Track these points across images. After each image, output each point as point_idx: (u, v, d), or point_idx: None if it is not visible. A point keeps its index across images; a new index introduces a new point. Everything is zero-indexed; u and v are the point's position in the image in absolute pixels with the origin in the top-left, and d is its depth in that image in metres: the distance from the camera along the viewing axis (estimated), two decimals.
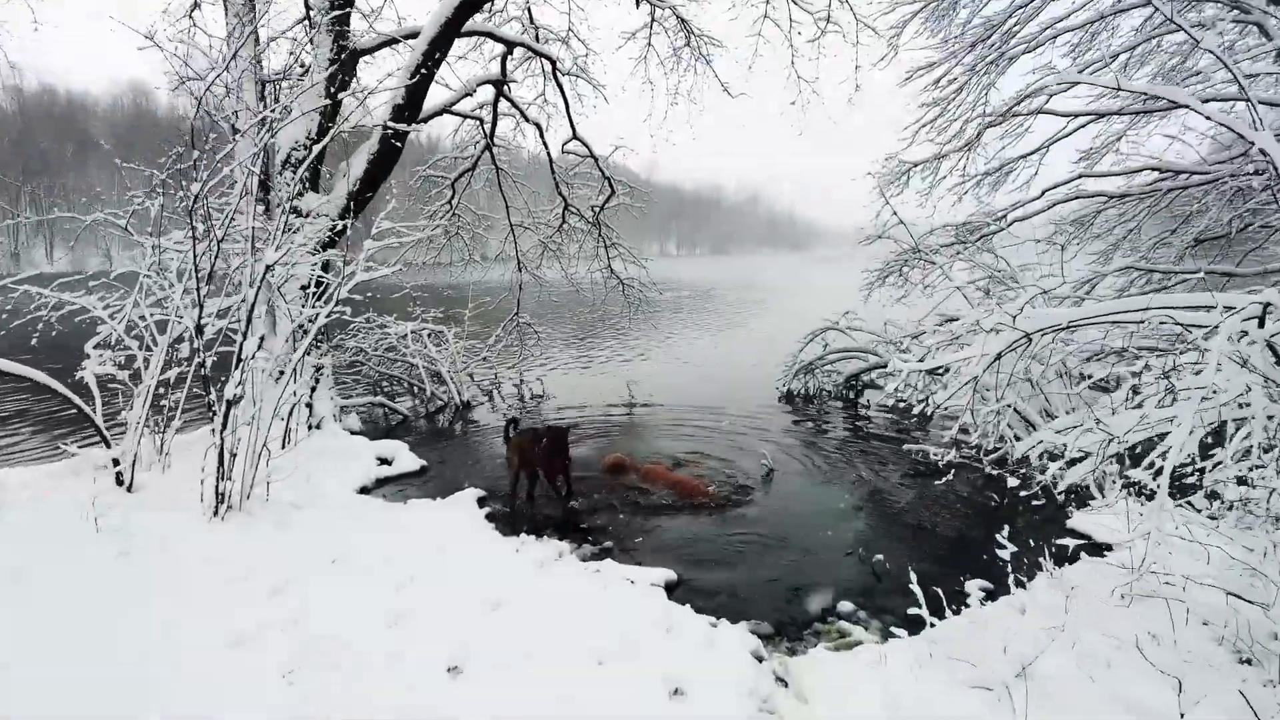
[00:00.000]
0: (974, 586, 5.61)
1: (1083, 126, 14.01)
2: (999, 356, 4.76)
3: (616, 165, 14.84)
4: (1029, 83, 13.77)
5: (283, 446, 8.89)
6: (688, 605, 5.15)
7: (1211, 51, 4.90)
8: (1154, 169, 13.99)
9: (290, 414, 8.93)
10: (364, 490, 8.18)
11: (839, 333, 13.25)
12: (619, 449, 9.86)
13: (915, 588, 4.57)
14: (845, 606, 5.36)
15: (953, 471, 8.02)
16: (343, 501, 7.38)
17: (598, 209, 15.06)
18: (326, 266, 10.06)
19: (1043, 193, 14.70)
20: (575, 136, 13.84)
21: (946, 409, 6.81)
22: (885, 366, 12.30)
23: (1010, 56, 13.76)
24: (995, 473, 8.04)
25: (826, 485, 8.14)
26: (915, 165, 15.13)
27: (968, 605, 4.95)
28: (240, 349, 6.26)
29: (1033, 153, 14.59)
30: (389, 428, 11.22)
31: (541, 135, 14.05)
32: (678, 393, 13.51)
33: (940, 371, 6.95)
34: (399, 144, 10.39)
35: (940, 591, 4.75)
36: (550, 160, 14.55)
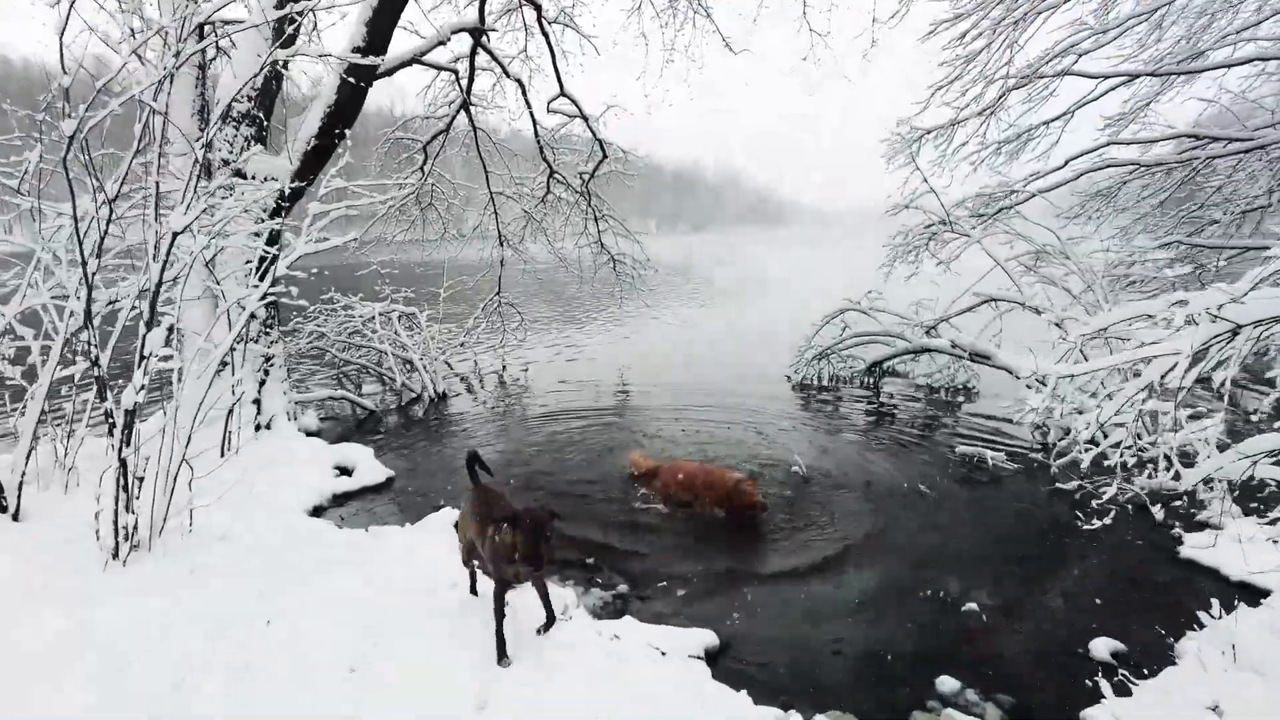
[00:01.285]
0: (1101, 648, 4.34)
1: (1112, 89, 12.78)
2: (1196, 359, 3.39)
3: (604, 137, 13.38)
4: (1056, 40, 12.55)
5: (221, 454, 7.46)
6: (743, 691, 3.81)
7: None
8: (1189, 135, 12.84)
9: (230, 415, 7.45)
10: (317, 511, 6.74)
11: (860, 314, 11.92)
12: (613, 446, 8.52)
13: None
14: (948, 683, 4.04)
15: (997, 478, 6.76)
16: (288, 529, 5.93)
17: (587, 177, 13.56)
18: (276, 238, 8.51)
19: (1066, 162, 13.47)
20: (563, 93, 12.30)
21: (1029, 413, 5.46)
22: (914, 352, 11.02)
23: (1040, 10, 12.45)
24: (1074, 482, 6.80)
25: (873, 498, 6.83)
26: (929, 132, 13.80)
27: (1132, 682, 3.65)
28: (143, 342, 4.77)
29: (1056, 118, 13.30)
30: (354, 424, 9.74)
31: (524, 93, 12.49)
32: (676, 381, 12.15)
33: (1072, 377, 5.53)
34: (363, 84, 8.81)
35: (1057, 656, 3.45)
36: (534, 122, 13.00)
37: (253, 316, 8.87)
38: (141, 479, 4.95)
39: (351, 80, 8.46)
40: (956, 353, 10.13)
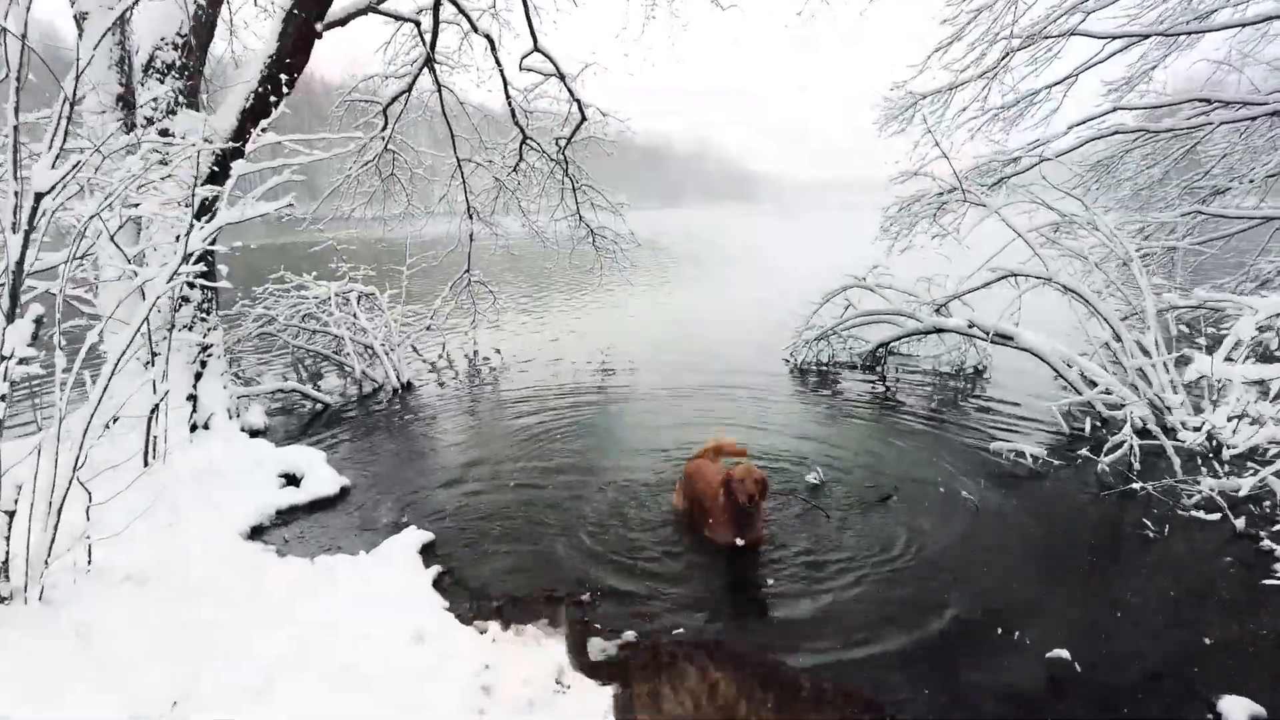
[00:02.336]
0: (1236, 712, 3.49)
1: (1119, 51, 11.97)
2: None
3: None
4: None
5: (145, 464, 6.36)
6: None
7: None
8: (1200, 99, 12.05)
9: (152, 416, 6.33)
10: (256, 532, 5.67)
11: (864, 292, 11.00)
12: (596, 441, 7.57)
13: None
14: None
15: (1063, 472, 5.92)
16: (218, 561, 4.87)
17: (563, 142, 12.42)
18: (207, 209, 7.32)
19: (1069, 129, 12.67)
20: (536, 48, 11.12)
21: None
22: (925, 333, 10.13)
23: None
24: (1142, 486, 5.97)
25: (906, 508, 5.93)
26: (924, 97, 12.91)
27: None
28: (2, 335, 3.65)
29: (1059, 82, 12.51)
30: (307, 420, 8.63)
31: (493, 50, 11.28)
32: (663, 364, 11.17)
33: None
34: (308, 19, 7.62)
35: None
36: (505, 82, 11.81)
37: (185, 300, 7.71)
38: (11, 513, 3.85)
39: (298, 12, 7.24)
40: (974, 334, 9.26)
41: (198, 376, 7.80)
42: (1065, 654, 3.85)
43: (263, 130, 5.47)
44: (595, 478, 6.62)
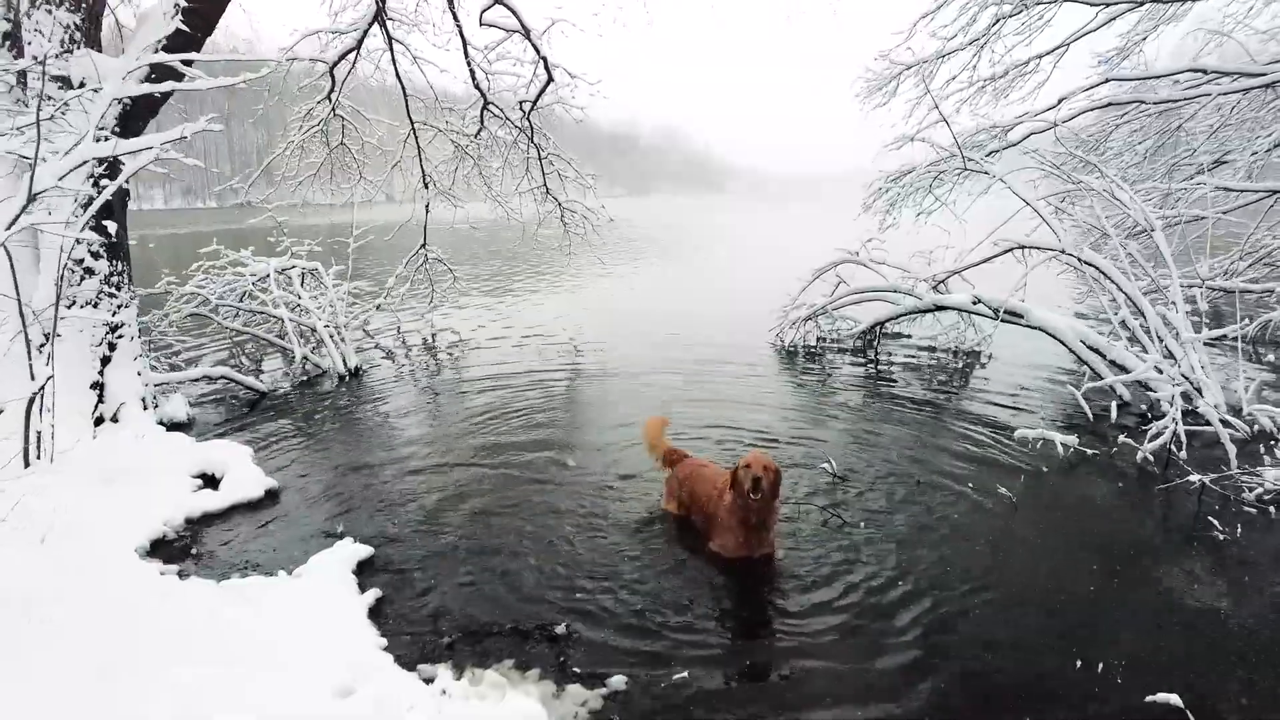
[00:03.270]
0: None
1: (1111, 20, 11.32)
2: None
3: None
4: None
5: (26, 464, 5.31)
6: None
7: None
8: (1196, 70, 11.44)
9: (31, 407, 5.27)
10: (156, 547, 4.67)
11: (858, 270, 10.21)
12: (569, 431, 6.68)
13: None
14: None
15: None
16: (95, 590, 3.87)
17: (528, 106, 11.38)
18: (114, 169, 6.23)
19: (1060, 101, 12.02)
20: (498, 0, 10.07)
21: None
22: (924, 311, 9.36)
23: None
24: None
25: (932, 505, 5.14)
26: (909, 68, 12.16)
27: None
28: None
29: (1050, 51, 11.85)
30: (240, 412, 7.57)
31: (450, 3, 10.21)
32: (638, 348, 10.30)
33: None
34: None
35: None
36: (464, 41, 10.72)
37: (88, 272, 6.63)
38: None
39: None
40: (980, 311, 8.52)
41: (105, 361, 6.73)
42: (1175, 699, 3.04)
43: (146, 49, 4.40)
44: (569, 474, 5.73)
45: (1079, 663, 3.33)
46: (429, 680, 3.19)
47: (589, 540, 4.59)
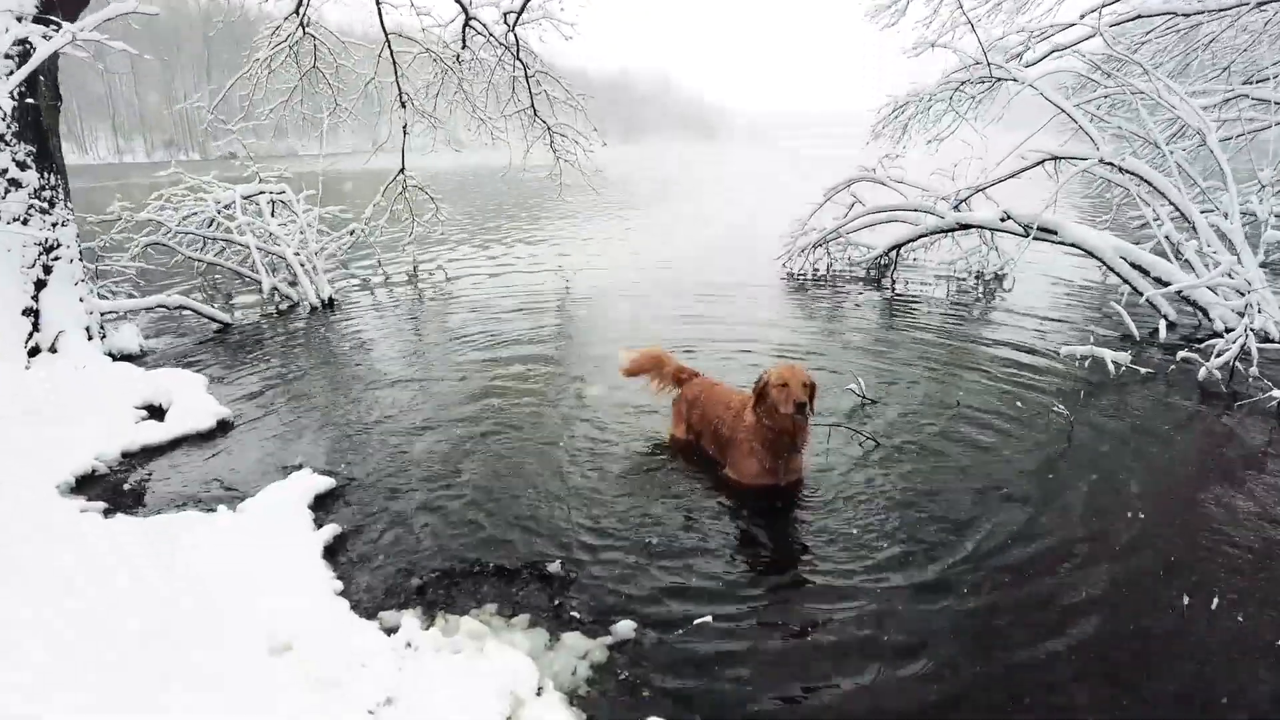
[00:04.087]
0: None
1: None
2: None
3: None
4: None
5: None
6: None
7: None
8: None
9: None
10: (85, 483, 4.02)
11: (872, 193, 9.45)
12: (565, 357, 6.02)
13: None
14: None
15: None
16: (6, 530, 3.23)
17: (513, 19, 10.44)
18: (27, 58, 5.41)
19: (1082, 16, 11.13)
20: None
21: None
22: (946, 231, 8.65)
23: None
24: None
25: (975, 428, 4.50)
26: None
27: None
28: None
29: None
30: (200, 346, 6.87)
31: None
32: (633, 281, 9.58)
33: None
34: None
35: None
36: None
37: (15, 185, 5.86)
38: None
39: None
40: (1008, 228, 7.81)
41: (40, 286, 5.99)
42: None
43: None
44: (566, 400, 5.10)
45: (1187, 599, 2.73)
46: (391, 630, 2.57)
47: (587, 472, 3.96)
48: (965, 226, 8.36)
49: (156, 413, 5.00)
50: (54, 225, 6.11)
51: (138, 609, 2.62)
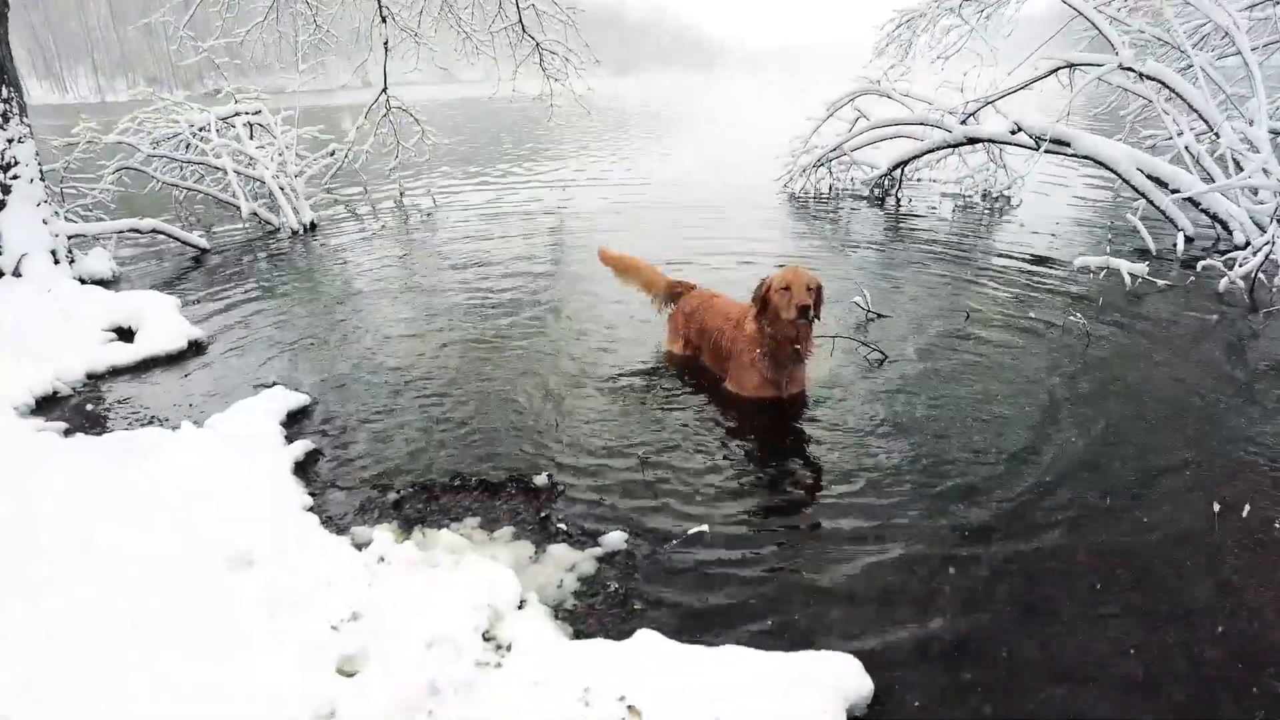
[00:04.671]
0: None
1: None
2: None
3: None
4: None
5: None
6: None
7: None
8: None
9: None
10: (46, 404, 3.81)
11: (875, 110, 9.02)
12: (558, 272, 5.76)
13: None
14: None
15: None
16: None
17: None
18: None
19: None
20: None
21: None
22: (954, 146, 8.27)
23: None
24: None
25: (988, 339, 4.27)
26: None
27: None
28: None
29: None
30: (177, 271, 6.59)
31: None
32: (628, 201, 9.20)
33: None
34: None
35: None
36: None
37: None
38: None
39: None
40: (1019, 141, 7.44)
41: None
42: None
43: None
44: (557, 315, 4.88)
45: (1217, 507, 2.54)
46: (362, 546, 2.38)
47: (578, 387, 3.74)
48: (974, 141, 7.98)
49: (126, 335, 4.75)
50: (10, 141, 5.76)
51: (86, 525, 2.42)
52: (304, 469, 2.98)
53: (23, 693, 1.73)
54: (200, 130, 8.52)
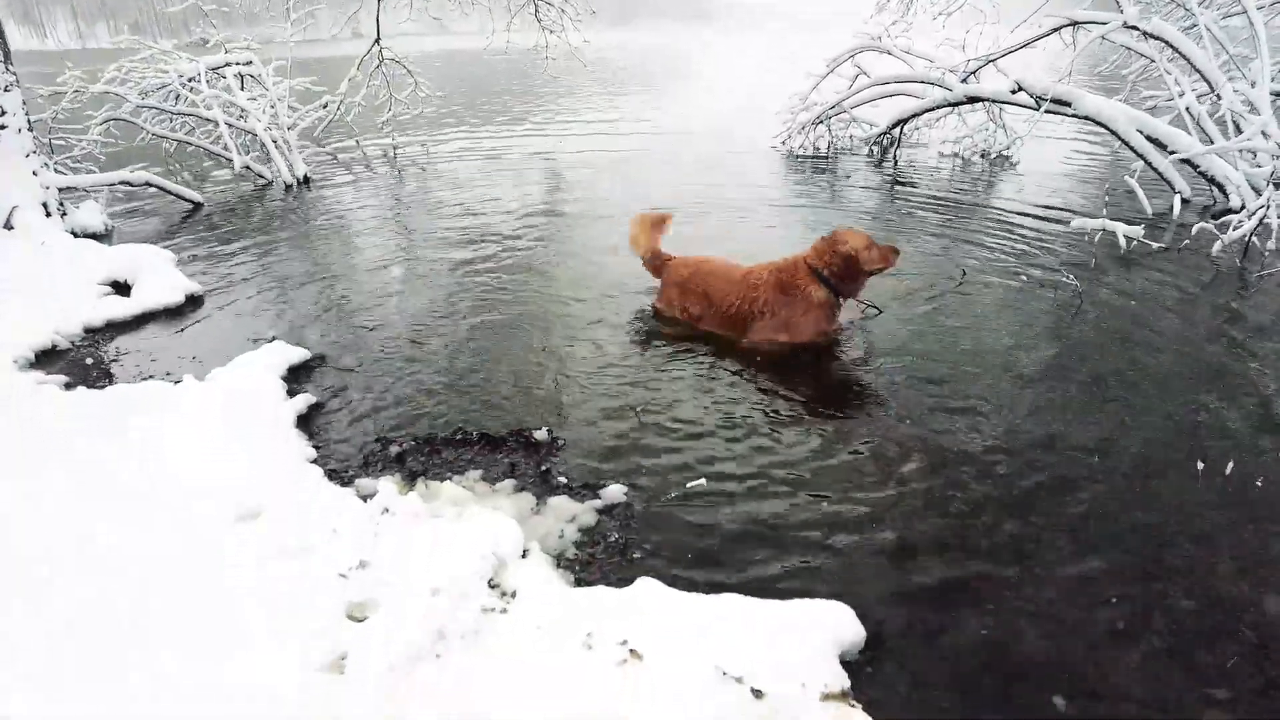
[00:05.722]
0: None
1: None
2: None
3: None
4: None
5: None
6: None
7: None
8: None
9: None
10: (45, 357, 3.82)
11: (875, 67, 8.91)
12: (558, 232, 5.72)
13: None
14: None
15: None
16: None
17: None
18: None
19: None
20: None
21: None
22: (955, 105, 8.19)
23: None
24: None
25: (982, 297, 4.30)
26: None
27: None
28: None
29: None
30: (170, 226, 6.53)
31: None
32: (627, 157, 9.11)
33: None
34: None
35: None
36: None
37: None
38: None
39: None
40: (1019, 101, 7.38)
41: None
42: None
43: None
44: (554, 274, 4.87)
45: (1200, 465, 2.60)
46: (367, 497, 2.43)
47: (578, 343, 3.77)
48: (974, 99, 7.90)
49: (122, 289, 4.75)
50: None
51: (91, 478, 2.46)
52: (306, 421, 3.02)
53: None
54: (190, 81, 8.37)
